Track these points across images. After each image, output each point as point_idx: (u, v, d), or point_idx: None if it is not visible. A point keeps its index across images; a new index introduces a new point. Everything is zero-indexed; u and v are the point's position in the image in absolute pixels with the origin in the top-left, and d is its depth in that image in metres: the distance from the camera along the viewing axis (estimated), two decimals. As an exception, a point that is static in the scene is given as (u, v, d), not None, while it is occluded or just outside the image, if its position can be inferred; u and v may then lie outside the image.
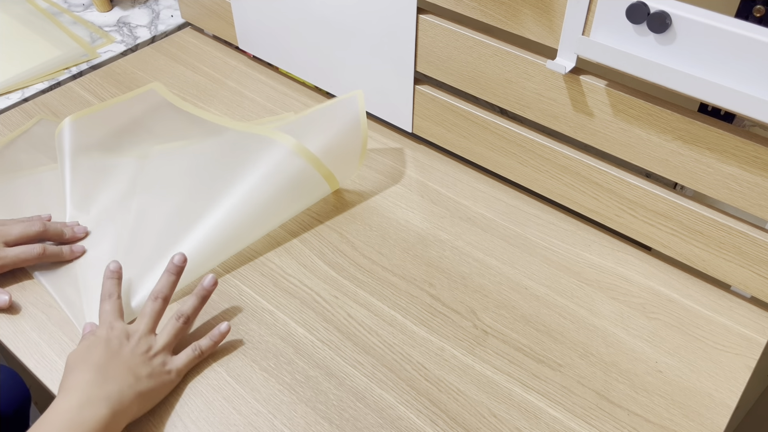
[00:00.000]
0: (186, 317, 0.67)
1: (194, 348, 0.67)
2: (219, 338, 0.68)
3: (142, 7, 1.23)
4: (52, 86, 1.04)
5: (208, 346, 0.68)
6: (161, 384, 0.64)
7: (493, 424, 0.64)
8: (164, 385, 0.64)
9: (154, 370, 0.63)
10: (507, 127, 0.82)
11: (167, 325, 0.67)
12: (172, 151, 0.89)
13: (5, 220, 0.76)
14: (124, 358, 0.62)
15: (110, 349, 0.62)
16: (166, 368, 0.65)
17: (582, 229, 0.83)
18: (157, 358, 0.64)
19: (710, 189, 0.69)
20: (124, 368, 0.61)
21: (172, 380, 0.65)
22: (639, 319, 0.73)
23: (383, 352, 0.69)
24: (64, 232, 0.77)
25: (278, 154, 0.79)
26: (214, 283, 0.69)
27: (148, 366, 0.63)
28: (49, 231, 0.76)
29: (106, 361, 0.61)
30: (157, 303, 0.67)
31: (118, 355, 0.62)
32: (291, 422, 0.64)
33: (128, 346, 0.63)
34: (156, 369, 0.64)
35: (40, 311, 0.73)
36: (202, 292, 0.69)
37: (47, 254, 0.75)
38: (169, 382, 0.65)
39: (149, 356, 0.64)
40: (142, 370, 0.62)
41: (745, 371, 0.68)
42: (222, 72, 1.07)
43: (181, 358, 0.66)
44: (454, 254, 0.79)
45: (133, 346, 0.63)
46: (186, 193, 0.82)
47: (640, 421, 0.64)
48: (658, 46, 0.62)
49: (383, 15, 0.84)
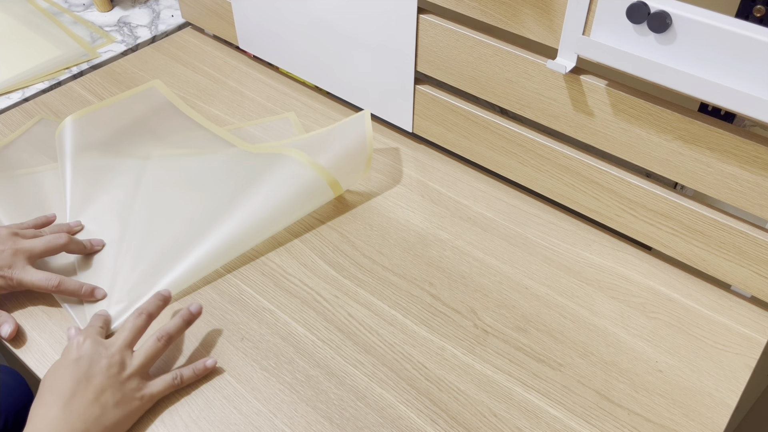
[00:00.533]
0: (168, 337, 0.65)
1: (174, 376, 0.65)
2: (202, 372, 0.66)
3: (142, 7, 1.23)
4: (53, 86, 1.04)
5: (188, 377, 0.65)
6: (129, 412, 0.61)
7: (493, 424, 0.64)
8: (132, 413, 0.61)
9: (125, 395, 0.61)
10: (507, 126, 0.82)
11: (146, 343, 0.65)
12: (176, 155, 0.89)
13: (27, 230, 0.74)
14: (94, 382, 0.60)
15: (79, 372, 0.60)
16: (138, 394, 0.62)
17: (582, 228, 0.83)
18: (131, 381, 0.62)
19: (710, 189, 0.69)
20: (91, 398, 0.59)
21: (141, 407, 0.62)
22: (639, 319, 0.73)
23: (384, 352, 0.69)
24: (85, 246, 0.77)
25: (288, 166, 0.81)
26: (199, 312, 0.69)
27: (119, 391, 0.60)
28: (73, 244, 0.75)
29: (73, 390, 0.59)
30: (140, 319, 0.66)
31: (86, 381, 0.59)
32: (291, 421, 0.64)
33: (99, 364, 0.61)
34: (126, 395, 0.61)
35: (40, 311, 0.73)
36: (187, 317, 0.68)
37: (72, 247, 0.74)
38: (137, 409, 0.62)
39: (122, 378, 0.61)
40: (111, 397, 0.60)
41: (746, 371, 0.68)
42: (222, 72, 1.07)
43: (158, 384, 0.64)
44: (454, 254, 0.79)
45: (106, 364, 0.61)
46: (191, 199, 0.83)
47: (640, 421, 0.64)
48: (658, 46, 0.62)
49: (384, 15, 0.84)
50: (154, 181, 0.86)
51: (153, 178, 0.86)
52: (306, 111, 1.00)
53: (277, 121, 0.97)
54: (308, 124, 0.97)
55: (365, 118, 0.84)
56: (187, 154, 0.90)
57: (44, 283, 0.70)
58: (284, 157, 0.82)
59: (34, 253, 0.72)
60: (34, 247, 0.72)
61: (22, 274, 0.70)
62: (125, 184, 0.85)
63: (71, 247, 0.75)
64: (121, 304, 0.72)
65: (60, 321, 0.72)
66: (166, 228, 0.80)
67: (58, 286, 0.71)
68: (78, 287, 0.72)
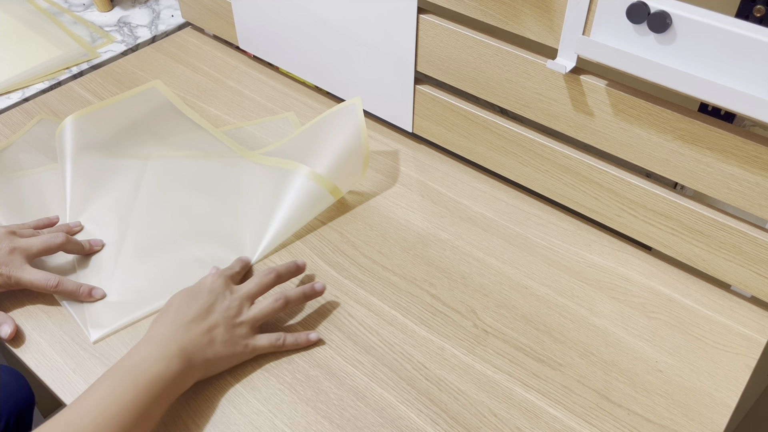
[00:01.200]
0: (285, 300, 0.69)
1: (278, 337, 0.68)
2: (304, 343, 0.69)
3: (142, 6, 1.23)
4: (53, 86, 1.04)
5: (290, 342, 0.68)
6: (232, 354, 0.65)
7: (493, 424, 0.64)
8: (234, 356, 0.66)
9: (232, 337, 0.65)
10: (507, 126, 0.82)
11: (265, 300, 0.68)
12: (176, 157, 0.89)
13: (26, 230, 0.75)
14: (212, 317, 0.65)
15: (204, 304, 0.65)
16: (244, 341, 0.66)
17: (582, 228, 0.83)
18: (241, 328, 0.66)
19: (710, 189, 0.69)
20: (204, 328, 0.64)
21: (243, 353, 0.66)
22: (639, 319, 0.73)
23: (383, 352, 0.69)
24: (84, 246, 0.76)
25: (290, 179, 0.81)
26: (322, 291, 0.72)
27: (228, 332, 0.65)
28: (70, 244, 0.75)
29: (193, 317, 0.64)
30: (268, 277, 0.70)
31: (206, 313, 0.65)
32: (291, 421, 0.64)
33: (222, 303, 0.66)
34: (234, 337, 0.65)
35: (41, 311, 0.73)
36: (309, 292, 0.71)
37: (69, 246, 0.74)
38: (239, 355, 0.66)
39: (234, 322, 0.66)
40: (220, 334, 0.65)
41: (746, 371, 0.68)
42: (222, 72, 1.07)
43: (263, 339, 0.67)
44: (454, 254, 0.79)
45: (226, 305, 0.66)
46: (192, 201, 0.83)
47: (640, 421, 0.64)
48: (658, 46, 0.62)
49: (384, 15, 0.84)
50: (154, 181, 0.86)
51: (153, 179, 0.86)
52: (306, 111, 1.00)
53: (277, 121, 0.97)
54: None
55: (356, 108, 0.83)
56: (187, 156, 0.90)
57: (43, 282, 0.71)
58: (286, 171, 0.83)
59: (32, 252, 0.72)
60: (31, 245, 0.72)
61: (20, 273, 0.70)
62: (125, 184, 0.85)
63: (69, 247, 0.74)
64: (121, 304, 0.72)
65: (60, 321, 0.72)
66: (166, 229, 0.80)
67: (56, 286, 0.71)
68: (76, 288, 0.72)
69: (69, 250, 0.75)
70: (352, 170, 0.84)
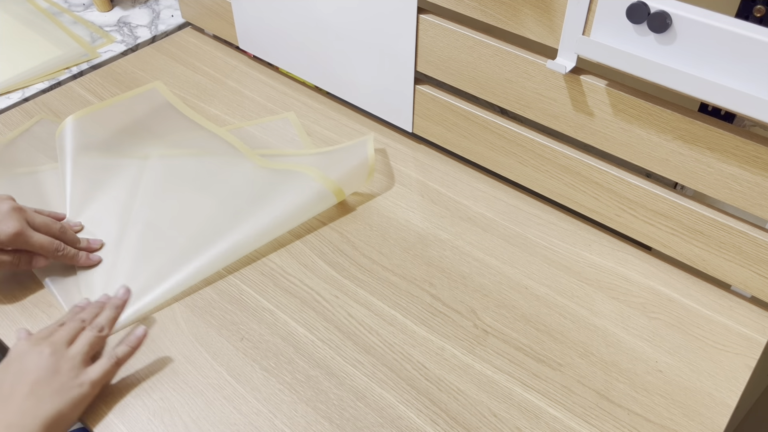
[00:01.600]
0: (100, 327, 0.64)
1: (110, 357, 0.62)
2: (136, 343, 0.65)
3: (142, 6, 1.23)
4: (53, 86, 1.04)
5: (125, 353, 0.64)
6: (70, 401, 0.58)
7: (493, 424, 0.64)
8: (75, 402, 0.58)
9: (63, 384, 0.58)
10: (507, 126, 0.82)
11: (82, 335, 0.63)
12: (176, 155, 0.89)
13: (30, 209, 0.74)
14: (28, 376, 0.58)
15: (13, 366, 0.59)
16: (78, 380, 0.59)
17: (582, 228, 0.83)
18: (66, 366, 0.59)
19: (710, 189, 0.69)
20: (24, 392, 0.57)
21: (85, 393, 0.59)
22: (639, 319, 0.73)
23: (383, 352, 0.69)
24: (80, 240, 0.76)
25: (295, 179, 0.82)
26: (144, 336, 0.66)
27: (55, 380, 0.58)
28: (67, 234, 0.75)
29: (10, 387, 0.57)
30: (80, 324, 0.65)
31: (21, 374, 0.58)
32: (291, 422, 0.64)
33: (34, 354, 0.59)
34: (64, 383, 0.58)
35: (40, 311, 0.73)
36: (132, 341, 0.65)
37: (65, 254, 0.73)
38: (81, 397, 0.59)
39: (56, 368, 0.59)
40: (46, 387, 0.57)
41: (746, 371, 0.68)
42: (222, 72, 1.07)
43: (96, 368, 0.61)
44: (454, 254, 0.79)
45: (38, 354, 0.59)
46: (192, 200, 0.83)
47: (640, 421, 0.64)
48: (658, 46, 0.62)
49: (384, 15, 0.84)
50: (154, 181, 0.86)
51: (153, 179, 0.86)
52: (306, 111, 1.00)
53: (277, 121, 0.97)
54: (308, 124, 0.97)
55: (368, 143, 0.85)
56: (187, 154, 0.90)
57: (48, 246, 0.71)
58: (289, 170, 0.83)
59: (33, 224, 0.71)
60: (34, 218, 0.72)
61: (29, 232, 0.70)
62: (125, 184, 0.85)
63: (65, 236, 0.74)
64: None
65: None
66: (166, 228, 0.80)
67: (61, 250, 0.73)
68: (76, 254, 0.74)
69: (64, 240, 0.74)
70: (356, 180, 0.85)
